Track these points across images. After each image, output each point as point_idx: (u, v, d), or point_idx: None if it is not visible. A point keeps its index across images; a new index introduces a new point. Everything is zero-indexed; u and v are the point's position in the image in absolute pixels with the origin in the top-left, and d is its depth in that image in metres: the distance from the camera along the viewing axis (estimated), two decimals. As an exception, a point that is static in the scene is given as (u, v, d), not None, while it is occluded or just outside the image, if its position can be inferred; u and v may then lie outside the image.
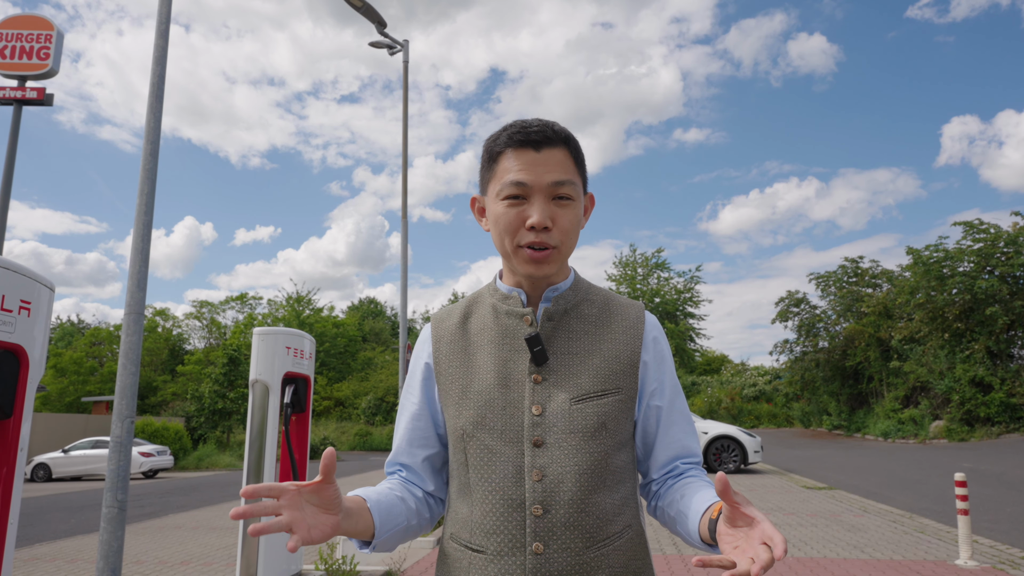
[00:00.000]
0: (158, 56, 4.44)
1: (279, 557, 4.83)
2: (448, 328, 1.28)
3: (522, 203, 1.16)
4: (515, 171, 1.16)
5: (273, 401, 4.89)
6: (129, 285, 4.09)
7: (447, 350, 1.26)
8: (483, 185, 1.26)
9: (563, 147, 1.18)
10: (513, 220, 1.16)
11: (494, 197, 1.19)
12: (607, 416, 1.15)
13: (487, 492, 1.14)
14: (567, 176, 1.17)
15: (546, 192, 1.15)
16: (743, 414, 35.52)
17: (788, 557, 6.29)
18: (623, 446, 1.20)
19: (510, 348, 1.20)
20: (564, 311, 1.23)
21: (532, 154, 1.16)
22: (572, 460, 1.13)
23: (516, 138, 1.17)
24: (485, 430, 1.16)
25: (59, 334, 52.21)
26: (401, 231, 9.23)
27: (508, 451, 1.14)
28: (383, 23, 9.44)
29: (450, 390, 1.22)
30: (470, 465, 1.17)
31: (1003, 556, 6.19)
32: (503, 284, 1.27)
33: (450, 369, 1.24)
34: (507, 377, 1.18)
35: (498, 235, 1.20)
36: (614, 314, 1.26)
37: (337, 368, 46.30)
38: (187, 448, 26.54)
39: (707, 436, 14.79)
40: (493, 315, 1.25)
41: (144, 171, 4.24)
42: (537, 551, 1.10)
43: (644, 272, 44.88)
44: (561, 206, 1.17)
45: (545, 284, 1.23)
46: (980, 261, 22.52)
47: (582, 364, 1.19)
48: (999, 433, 20.55)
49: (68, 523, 10.73)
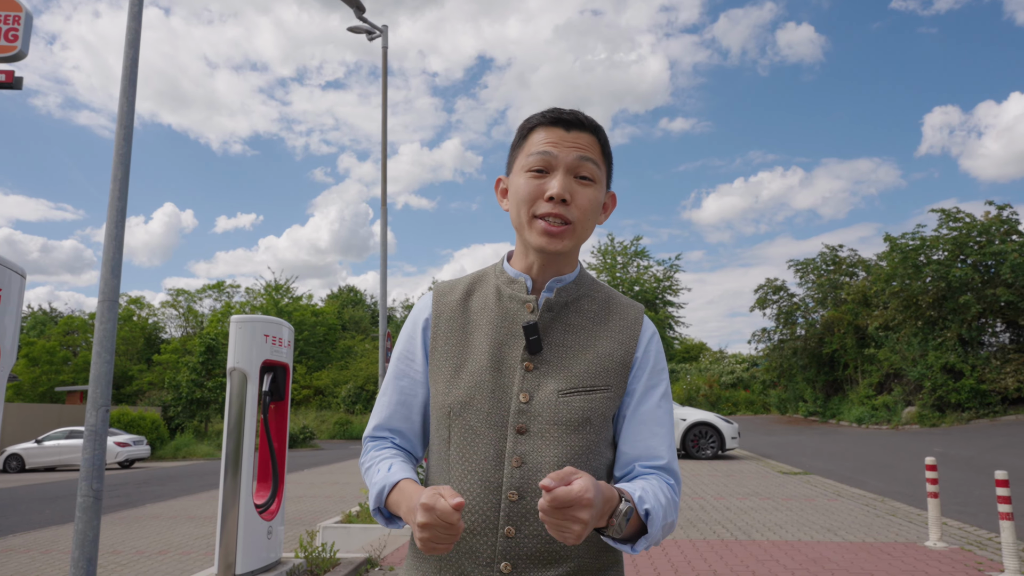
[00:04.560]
0: (131, 39, 4.36)
1: (258, 545, 4.82)
2: (449, 304, 1.28)
3: (544, 176, 1.18)
4: (542, 144, 1.18)
5: (251, 389, 4.85)
6: (103, 272, 4.03)
7: (445, 327, 1.25)
8: (510, 164, 1.27)
9: (592, 134, 1.21)
10: (533, 191, 1.18)
11: (519, 171, 1.22)
12: (592, 412, 1.16)
13: (466, 472, 1.15)
14: (592, 156, 1.19)
15: (570, 167, 1.18)
16: (721, 401, 35.91)
17: (763, 541, 6.40)
18: (607, 444, 1.20)
19: (507, 332, 1.21)
20: (565, 303, 1.23)
21: (562, 132, 1.19)
22: (553, 450, 1.13)
23: (549, 116, 1.21)
24: (472, 411, 1.16)
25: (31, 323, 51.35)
26: (380, 219, 9.19)
27: (491, 435, 1.15)
28: (361, 8, 9.34)
29: (442, 366, 1.22)
30: (452, 443, 1.17)
31: (971, 537, 6.34)
32: (510, 268, 1.27)
33: (446, 346, 1.24)
34: (500, 361, 1.19)
35: (516, 205, 1.21)
36: (613, 313, 1.26)
37: (316, 357, 46.04)
38: (164, 438, 26.25)
39: (685, 423, 14.94)
40: (496, 297, 1.25)
41: (117, 157, 4.17)
42: (509, 534, 1.11)
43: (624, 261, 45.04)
44: (582, 185, 1.19)
45: (552, 272, 1.24)
46: (954, 250, 22.87)
47: (575, 358, 1.19)
48: (969, 419, 20.98)
49: (42, 514, 10.60)
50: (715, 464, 13.78)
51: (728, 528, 7.06)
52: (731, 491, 9.80)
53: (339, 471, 16.79)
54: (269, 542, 4.96)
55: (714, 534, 6.77)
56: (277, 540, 5.08)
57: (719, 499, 9.02)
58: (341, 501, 10.82)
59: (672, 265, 44.26)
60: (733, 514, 7.88)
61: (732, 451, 16.30)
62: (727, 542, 6.40)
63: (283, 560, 5.25)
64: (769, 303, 32.62)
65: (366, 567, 5.63)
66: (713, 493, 9.60)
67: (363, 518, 6.80)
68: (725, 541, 6.44)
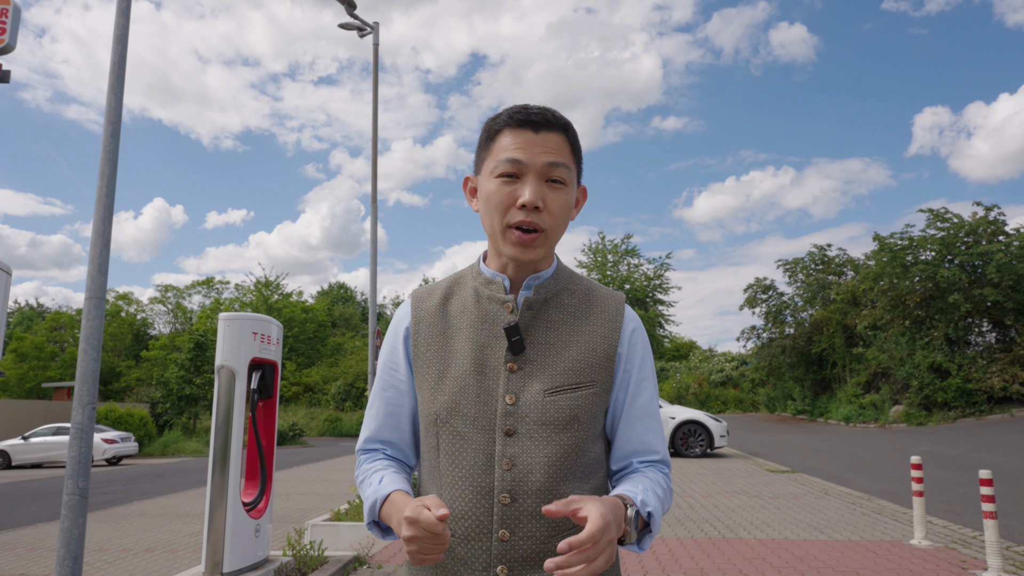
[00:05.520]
0: (119, 35, 4.33)
1: (246, 543, 4.80)
2: (428, 309, 1.26)
3: (515, 182, 1.15)
4: (511, 149, 1.15)
5: (240, 387, 4.84)
6: (90, 269, 4.00)
7: (426, 332, 1.24)
8: (478, 164, 1.24)
9: (562, 133, 1.18)
10: (505, 198, 1.15)
11: (488, 175, 1.18)
12: (580, 409, 1.15)
13: (457, 478, 1.14)
14: (562, 159, 1.16)
15: (540, 173, 1.15)
16: (710, 399, 36.04)
17: (751, 539, 6.44)
18: (596, 438, 1.20)
19: (488, 334, 1.19)
20: (544, 300, 1.22)
21: (530, 135, 1.15)
22: (542, 451, 1.13)
23: (516, 118, 1.17)
24: (458, 416, 1.16)
25: (18, 318, 50.91)
26: (371, 216, 9.16)
27: (480, 439, 1.14)
28: (352, 4, 9.30)
29: (426, 373, 1.21)
30: (441, 450, 1.17)
31: (955, 536, 6.40)
32: (487, 268, 1.25)
33: (428, 352, 1.22)
34: (483, 364, 1.18)
35: (488, 213, 1.18)
36: (594, 305, 1.25)
37: (306, 354, 45.88)
38: (152, 434, 26.12)
39: (674, 421, 14.99)
40: (475, 299, 1.23)
41: (105, 152, 4.14)
42: (503, 538, 1.11)
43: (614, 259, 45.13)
44: (554, 189, 1.16)
45: (529, 270, 1.22)
46: (942, 250, 23.04)
47: (558, 355, 1.18)
48: (955, 418, 21.16)
49: (29, 511, 10.53)
50: (704, 462, 13.84)
51: (716, 526, 7.10)
52: (719, 489, 9.84)
53: (328, 468, 16.74)
54: (257, 540, 4.95)
55: (702, 532, 6.81)
56: (265, 538, 5.07)
57: (707, 497, 9.06)
58: (330, 499, 10.80)
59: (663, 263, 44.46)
60: (721, 512, 7.92)
61: (721, 449, 16.38)
62: (715, 540, 6.43)
63: (271, 558, 5.24)
64: (758, 302, 32.75)
65: (354, 565, 5.62)
66: (701, 491, 9.65)
67: (352, 516, 6.79)
68: (713, 539, 6.48)
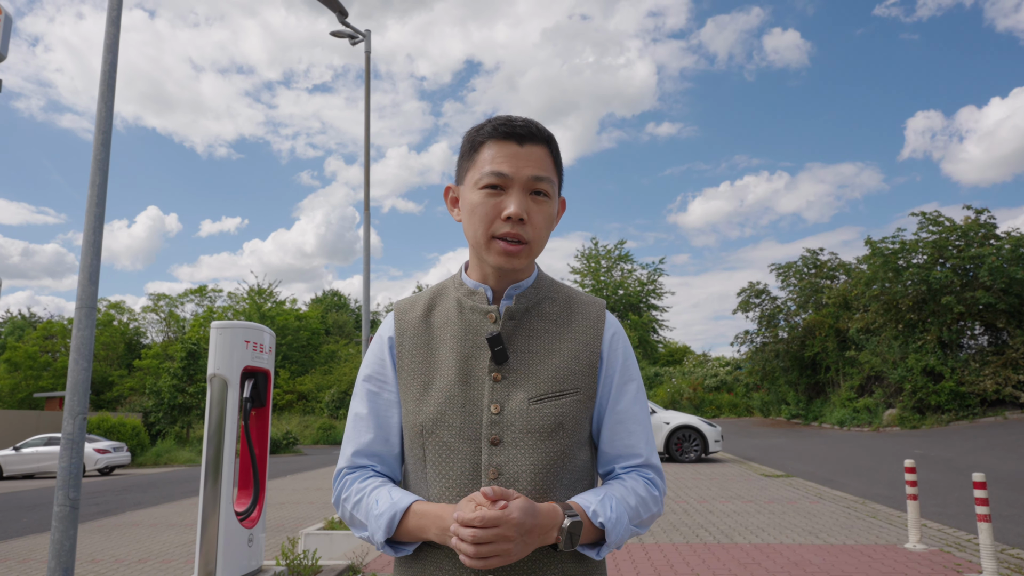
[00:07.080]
0: (109, 43, 4.32)
1: (239, 553, 4.77)
2: (411, 321, 1.27)
3: (500, 194, 1.16)
4: (496, 161, 1.16)
5: (232, 396, 4.81)
6: (80, 279, 3.99)
7: (410, 344, 1.24)
8: (460, 174, 1.25)
9: (545, 146, 1.20)
10: (490, 210, 1.16)
11: (471, 186, 1.19)
12: (564, 416, 1.16)
13: (444, 488, 1.14)
14: (546, 173, 1.18)
15: (525, 185, 1.16)
16: (704, 404, 36.08)
17: (746, 544, 6.44)
18: (582, 445, 1.21)
19: (472, 344, 1.20)
20: (526, 309, 1.23)
21: (515, 147, 1.17)
22: (528, 459, 1.13)
23: (501, 130, 1.18)
24: (444, 427, 1.16)
25: (9, 327, 50.62)
26: (364, 223, 9.16)
27: (466, 449, 1.15)
28: (344, 12, 9.31)
29: (411, 385, 1.21)
30: (428, 461, 1.17)
31: (950, 539, 6.42)
32: (469, 278, 1.26)
33: (412, 364, 1.23)
34: (468, 374, 1.18)
35: (472, 224, 1.19)
36: (575, 313, 1.26)
37: (300, 361, 45.73)
38: (144, 444, 25.96)
39: (669, 426, 15.00)
40: (458, 310, 1.24)
41: (95, 162, 4.13)
42: None
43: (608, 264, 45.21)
44: (537, 202, 1.18)
45: (510, 280, 1.23)
46: (934, 253, 23.16)
47: (541, 364, 1.19)
48: (948, 421, 21.23)
49: (20, 522, 10.44)
50: (698, 467, 13.84)
51: (710, 531, 7.10)
52: (714, 494, 9.85)
53: (322, 477, 16.67)
54: (250, 550, 4.92)
55: (696, 537, 6.80)
56: (258, 548, 5.04)
57: (702, 502, 9.06)
58: (324, 507, 10.75)
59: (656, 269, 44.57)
60: (716, 517, 7.92)
61: (715, 454, 16.39)
62: (709, 545, 6.43)
63: (264, 568, 5.21)
64: (752, 306, 32.83)
65: (349, 574, 5.60)
66: (696, 496, 9.65)
67: (345, 525, 6.76)
68: (707, 544, 6.47)
